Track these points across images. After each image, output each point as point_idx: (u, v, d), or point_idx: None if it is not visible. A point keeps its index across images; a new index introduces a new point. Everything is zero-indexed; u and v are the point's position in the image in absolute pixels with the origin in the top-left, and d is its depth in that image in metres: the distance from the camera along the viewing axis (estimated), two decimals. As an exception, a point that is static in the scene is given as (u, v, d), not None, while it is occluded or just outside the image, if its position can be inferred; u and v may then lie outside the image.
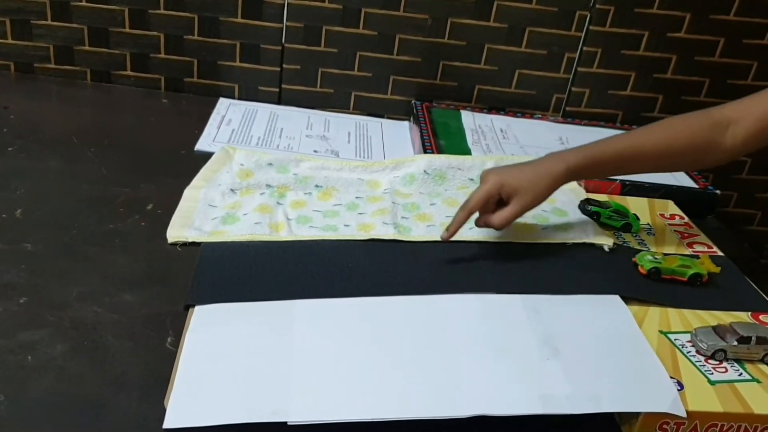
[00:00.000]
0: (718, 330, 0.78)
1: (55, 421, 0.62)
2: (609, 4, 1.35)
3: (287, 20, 1.35)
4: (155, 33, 1.35)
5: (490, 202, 0.90)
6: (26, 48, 1.35)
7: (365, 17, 1.35)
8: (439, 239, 0.93)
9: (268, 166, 1.07)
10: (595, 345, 0.76)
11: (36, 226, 0.89)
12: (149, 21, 1.34)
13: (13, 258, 0.82)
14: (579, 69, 1.41)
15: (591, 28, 1.37)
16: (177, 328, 0.74)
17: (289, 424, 0.62)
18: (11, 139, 1.10)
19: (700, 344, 0.76)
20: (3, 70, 1.36)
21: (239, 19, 1.34)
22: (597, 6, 1.35)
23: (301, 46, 1.37)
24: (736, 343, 0.76)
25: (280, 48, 1.37)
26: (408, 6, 1.34)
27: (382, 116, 1.43)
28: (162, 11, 1.33)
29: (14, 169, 1.02)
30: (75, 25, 1.33)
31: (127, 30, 1.34)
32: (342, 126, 1.34)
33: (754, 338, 0.76)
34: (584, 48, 1.39)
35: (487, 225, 0.91)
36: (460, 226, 0.90)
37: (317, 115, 1.38)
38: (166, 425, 0.61)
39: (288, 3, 1.33)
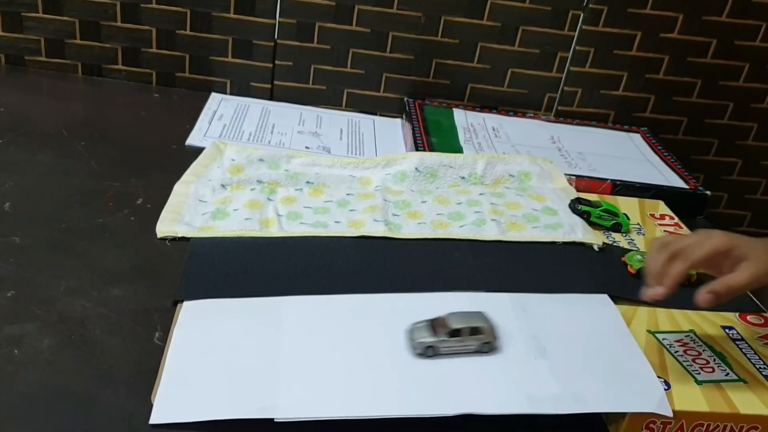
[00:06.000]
0: (435, 324, 0.73)
1: (42, 415, 0.62)
2: (602, 3, 1.35)
3: (280, 16, 1.34)
4: (147, 27, 1.34)
5: (716, 263, 0.74)
6: (17, 40, 1.34)
7: (358, 14, 1.35)
8: (429, 237, 0.93)
9: (259, 162, 1.07)
10: (583, 344, 0.77)
11: (25, 219, 0.88)
12: (141, 15, 1.33)
13: (0, 251, 0.81)
14: (571, 68, 1.41)
15: (584, 27, 1.37)
16: (165, 324, 0.73)
17: (276, 420, 0.62)
18: (1, 131, 1.10)
19: (410, 342, 0.72)
20: (-7, 63, 1.36)
21: (232, 15, 1.34)
22: (590, 6, 1.35)
23: (293, 43, 1.37)
24: (446, 337, 0.71)
25: (272, 44, 1.37)
26: (401, 3, 1.34)
27: (374, 113, 1.42)
28: (154, 5, 1.32)
29: (3, 162, 1.01)
30: (66, 18, 1.33)
31: (119, 24, 1.34)
32: (334, 123, 1.34)
33: (467, 329, 0.71)
34: (577, 47, 1.39)
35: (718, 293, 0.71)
36: (677, 282, 0.72)
37: (309, 112, 1.37)
38: (152, 420, 0.61)
39: (281, -1, 1.33)
